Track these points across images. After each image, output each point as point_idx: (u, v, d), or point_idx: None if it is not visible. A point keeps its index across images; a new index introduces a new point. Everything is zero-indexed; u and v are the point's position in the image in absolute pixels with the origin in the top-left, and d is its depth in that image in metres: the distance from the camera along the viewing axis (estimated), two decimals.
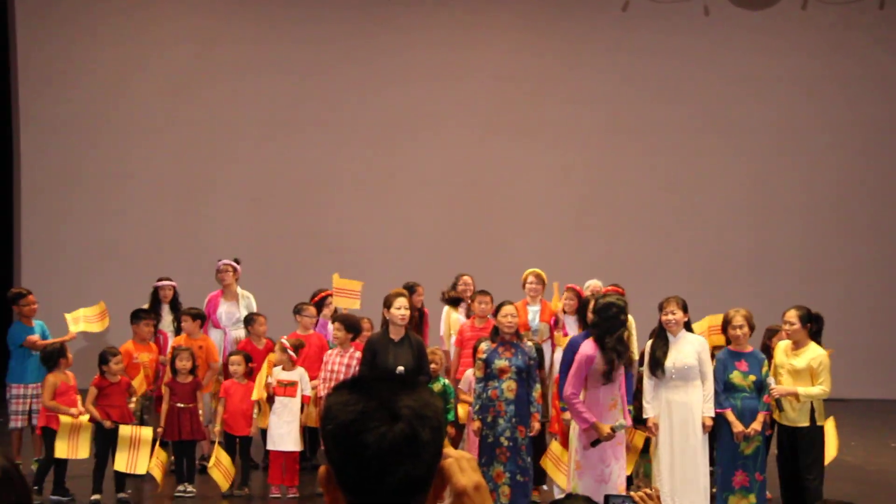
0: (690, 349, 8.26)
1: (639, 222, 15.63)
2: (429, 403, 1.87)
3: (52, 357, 9.42)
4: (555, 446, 8.77)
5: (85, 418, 9.18)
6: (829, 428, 8.66)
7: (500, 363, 8.29)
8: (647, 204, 15.67)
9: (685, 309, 8.38)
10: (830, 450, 8.64)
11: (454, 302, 11.14)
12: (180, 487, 9.40)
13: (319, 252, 14.84)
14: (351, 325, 9.58)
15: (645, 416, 8.27)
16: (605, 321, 7.65)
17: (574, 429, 7.74)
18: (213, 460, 9.29)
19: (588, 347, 7.70)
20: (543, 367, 9.28)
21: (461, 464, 2.02)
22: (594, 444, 7.56)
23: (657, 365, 8.26)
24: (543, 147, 15.68)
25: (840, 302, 14.45)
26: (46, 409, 9.28)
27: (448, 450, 1.95)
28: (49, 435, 9.22)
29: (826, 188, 15.75)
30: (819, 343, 8.49)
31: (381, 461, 1.80)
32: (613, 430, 7.55)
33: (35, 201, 15.43)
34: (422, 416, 1.84)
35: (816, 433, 8.37)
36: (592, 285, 10.78)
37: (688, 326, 8.41)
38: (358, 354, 9.20)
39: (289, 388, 9.42)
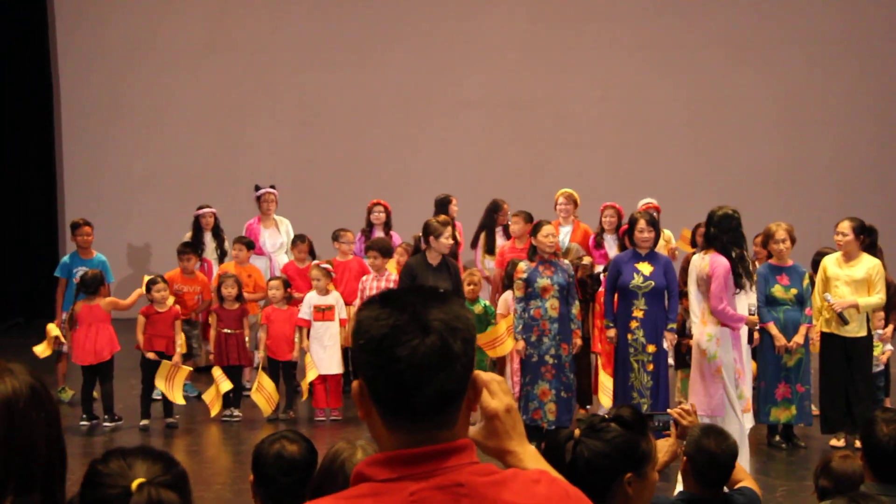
0: None
1: (675, 140, 15.44)
2: (459, 315, 1.86)
3: (94, 283, 9.40)
4: (603, 377, 8.78)
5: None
6: None
7: (543, 282, 8.32)
8: (683, 122, 15.45)
9: None
10: None
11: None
12: (226, 412, 9.53)
13: (359, 177, 14.83)
14: (385, 250, 9.72)
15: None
16: (728, 233, 7.32)
17: (721, 339, 7.38)
18: (255, 385, 9.41)
19: (722, 261, 7.30)
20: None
21: (491, 387, 2.02)
22: (751, 339, 7.54)
23: None
24: (580, 68, 15.47)
25: (880, 213, 14.25)
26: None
27: (478, 373, 1.94)
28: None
29: (865, 99, 15.45)
30: (875, 254, 8.43)
31: (414, 374, 1.80)
32: (751, 312, 7.41)
33: (76, 132, 15.48)
34: (453, 327, 1.83)
35: (870, 342, 8.44)
36: (647, 203, 10.71)
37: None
38: (394, 277, 9.32)
39: (327, 312, 9.49)
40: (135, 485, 2.06)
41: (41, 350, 9.58)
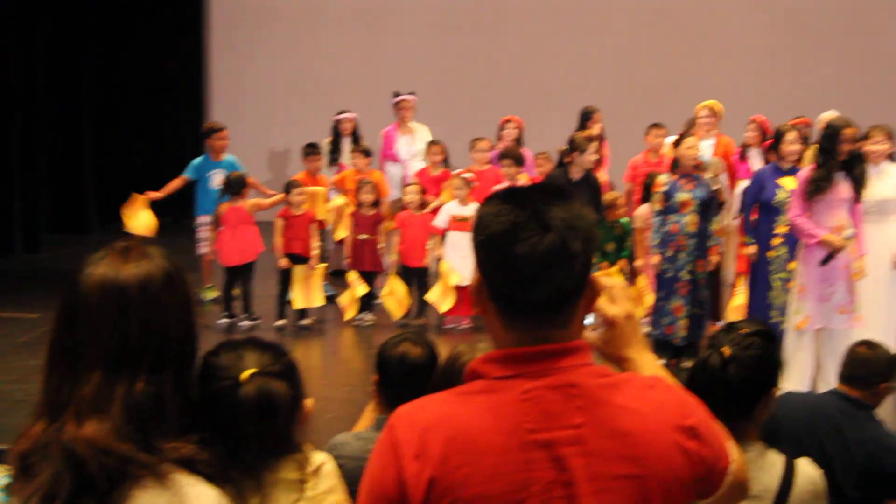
0: (892, 182, 7.81)
1: (827, 49, 14.86)
2: (580, 215, 1.82)
3: (236, 185, 9.57)
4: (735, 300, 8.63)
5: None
6: None
7: (682, 196, 8.13)
8: (842, 32, 14.85)
9: (890, 138, 7.92)
10: None
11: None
12: (358, 315, 9.69)
13: (497, 86, 14.73)
14: (518, 158, 9.66)
15: None
16: (823, 142, 7.28)
17: (798, 252, 7.44)
18: (387, 289, 9.52)
19: (805, 171, 7.34)
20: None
21: (613, 293, 1.99)
22: (826, 260, 7.16)
23: None
24: None
25: None
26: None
27: (599, 277, 1.91)
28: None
29: None
30: None
31: (532, 272, 1.78)
32: (846, 238, 7.14)
33: (224, 38, 15.77)
34: (573, 227, 1.80)
35: None
36: (826, 117, 10.34)
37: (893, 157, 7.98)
38: None
39: (463, 223, 9.48)
40: (244, 375, 2.19)
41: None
